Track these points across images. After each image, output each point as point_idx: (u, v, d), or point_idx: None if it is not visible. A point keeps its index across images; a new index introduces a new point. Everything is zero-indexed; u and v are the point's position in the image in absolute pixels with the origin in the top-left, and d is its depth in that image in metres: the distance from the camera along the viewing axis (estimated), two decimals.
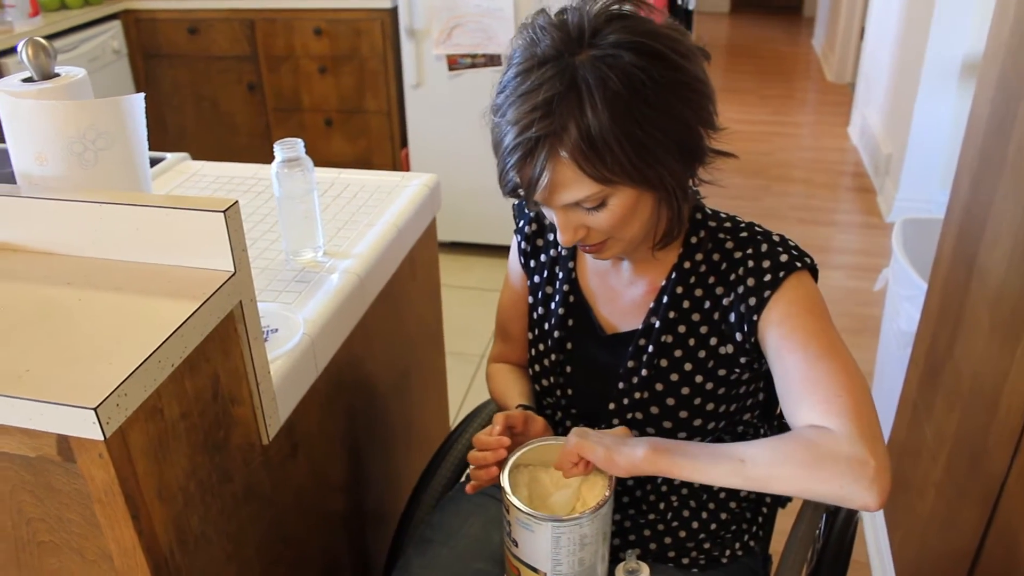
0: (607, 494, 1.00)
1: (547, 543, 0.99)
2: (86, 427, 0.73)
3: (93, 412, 0.72)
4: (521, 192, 0.98)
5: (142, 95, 1.04)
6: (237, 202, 0.89)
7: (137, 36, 3.46)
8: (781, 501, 1.33)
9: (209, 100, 3.54)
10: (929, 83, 3.41)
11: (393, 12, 3.18)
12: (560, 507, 1.04)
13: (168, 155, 1.65)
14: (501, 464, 1.07)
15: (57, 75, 1.04)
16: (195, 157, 3.86)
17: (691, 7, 2.87)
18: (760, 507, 1.27)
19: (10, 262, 0.95)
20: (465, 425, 1.46)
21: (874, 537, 2.04)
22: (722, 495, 1.20)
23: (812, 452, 0.93)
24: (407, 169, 3.42)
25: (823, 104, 5.41)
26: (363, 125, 3.46)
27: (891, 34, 4.07)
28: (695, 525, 1.20)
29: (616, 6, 0.96)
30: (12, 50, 2.89)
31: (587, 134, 0.90)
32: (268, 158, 1.28)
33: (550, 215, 1.03)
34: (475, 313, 2.80)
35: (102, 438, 0.74)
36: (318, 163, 3.93)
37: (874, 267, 3.27)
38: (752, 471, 0.95)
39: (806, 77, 6.02)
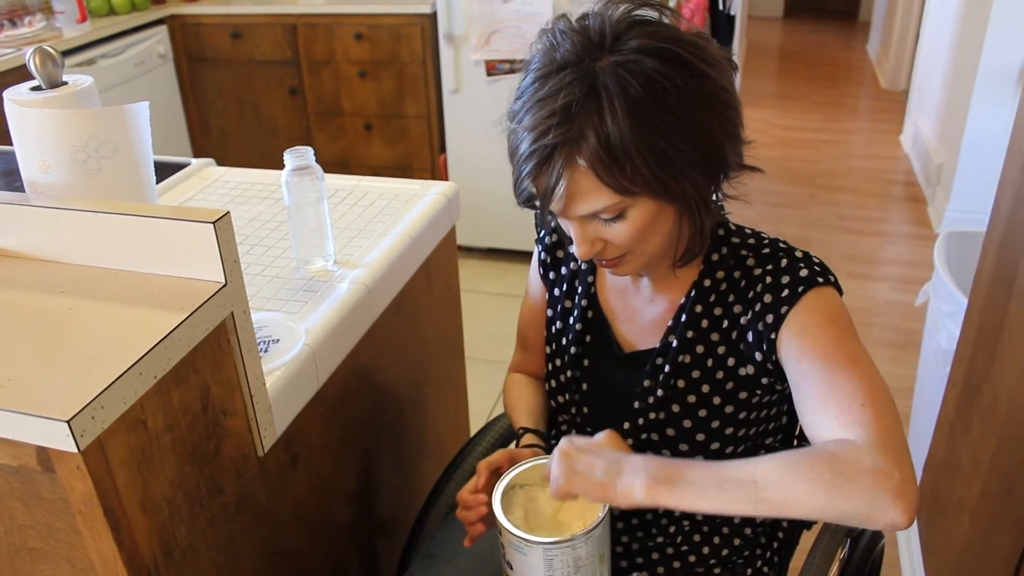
0: (601, 515, 0.97)
1: (540, 566, 0.97)
2: (60, 439, 0.73)
3: (66, 425, 0.72)
4: (536, 202, 0.95)
5: (146, 104, 1.04)
6: (228, 213, 0.88)
7: (182, 40, 3.52)
8: (806, 523, 1.29)
9: (251, 104, 3.58)
10: (983, 91, 3.30)
11: (433, 17, 3.19)
12: (557, 528, 1.02)
13: (193, 160, 1.66)
14: (494, 485, 1.04)
15: (65, 83, 1.05)
16: (237, 160, 3.90)
17: (732, 12, 2.81)
18: (776, 532, 1.23)
19: (9, 269, 0.96)
20: (479, 437, 1.44)
21: (909, 562, 1.97)
22: (736, 520, 1.16)
23: (833, 466, 0.83)
24: (445, 174, 3.42)
25: (875, 111, 5.28)
26: (403, 130, 3.47)
27: (946, 40, 3.96)
28: (706, 550, 1.16)
29: (639, 11, 0.93)
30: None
31: (606, 142, 0.86)
32: None
33: (566, 227, 0.99)
34: (510, 319, 2.77)
35: (76, 451, 0.74)
36: (358, 168, 3.94)
37: (921, 280, 3.17)
38: (766, 493, 0.83)
39: (859, 83, 5.88)
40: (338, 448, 1.27)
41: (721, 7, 2.77)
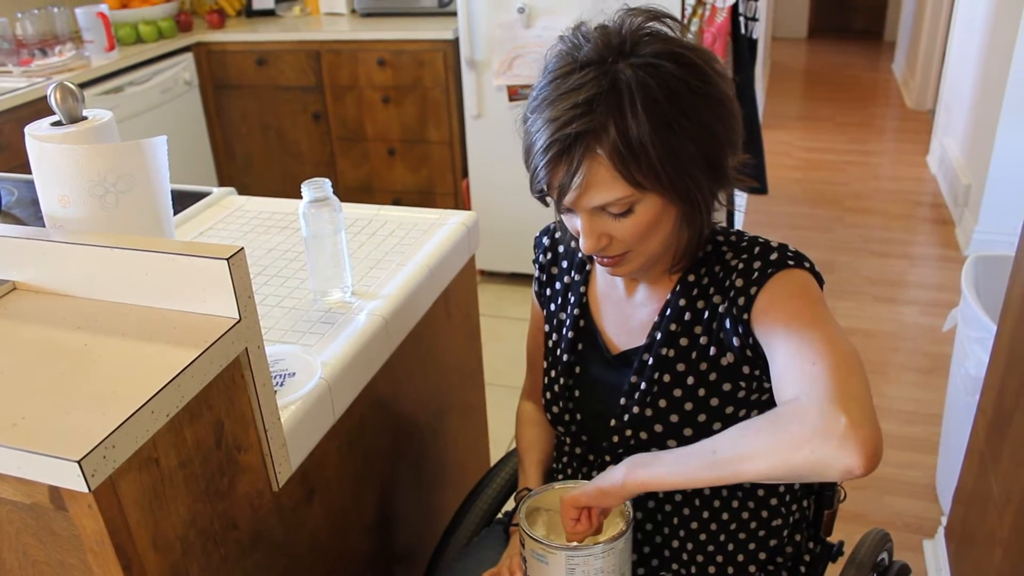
0: (623, 528, 1.00)
1: None
2: (71, 479, 0.73)
3: (77, 465, 0.72)
4: (550, 192, 0.98)
5: (164, 138, 1.05)
6: (243, 249, 0.88)
7: (208, 67, 3.56)
8: (831, 554, 1.27)
9: (275, 129, 3.61)
10: (1011, 110, 3.25)
11: (455, 43, 3.20)
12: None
13: (214, 190, 1.67)
14: (519, 503, 1.07)
15: (85, 118, 1.06)
16: (261, 185, 3.90)
17: (755, 36, 2.80)
18: (798, 565, 1.21)
19: (26, 303, 0.97)
20: (500, 466, 1.44)
21: None
22: (751, 546, 1.15)
23: (778, 421, 0.86)
24: (467, 199, 3.42)
25: (902, 132, 5.23)
26: (425, 155, 3.48)
27: (973, 60, 3.92)
28: None
29: (654, 23, 0.98)
30: (89, 83, 3.00)
31: (625, 135, 0.91)
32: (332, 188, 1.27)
33: (572, 223, 1.02)
34: None
35: (87, 490, 0.73)
36: (381, 192, 3.94)
37: (950, 303, 3.12)
38: (721, 456, 0.89)
39: (885, 104, 5.83)
40: (355, 480, 1.26)
41: (743, 31, 2.76)
